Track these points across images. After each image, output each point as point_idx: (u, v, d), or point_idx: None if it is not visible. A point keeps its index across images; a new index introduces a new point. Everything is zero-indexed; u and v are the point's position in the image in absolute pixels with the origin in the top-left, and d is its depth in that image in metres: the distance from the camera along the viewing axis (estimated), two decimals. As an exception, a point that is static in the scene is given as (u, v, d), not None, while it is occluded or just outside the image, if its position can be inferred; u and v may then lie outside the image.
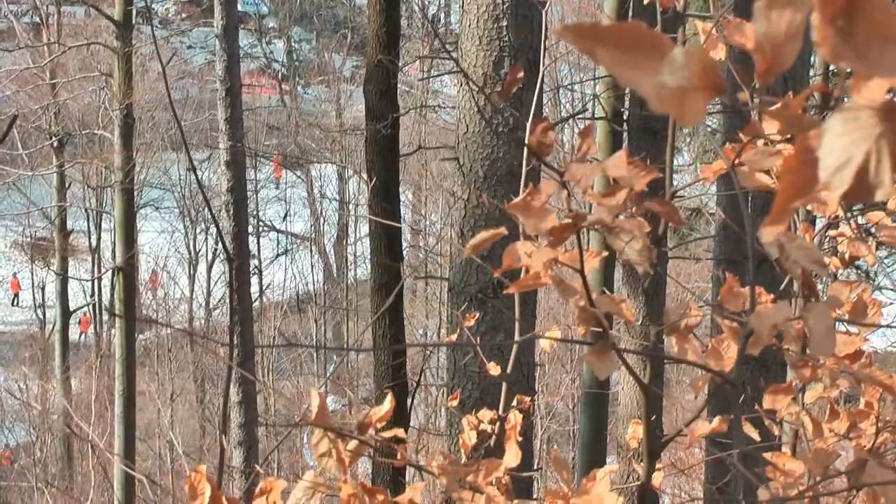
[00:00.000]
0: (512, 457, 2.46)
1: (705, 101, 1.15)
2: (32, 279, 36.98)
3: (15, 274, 43.87)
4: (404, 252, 15.90)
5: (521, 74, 2.43)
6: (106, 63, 29.89)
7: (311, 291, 37.81)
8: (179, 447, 29.29)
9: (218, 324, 36.31)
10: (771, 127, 2.19)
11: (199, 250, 39.12)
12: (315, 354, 34.80)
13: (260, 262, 38.83)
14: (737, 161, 2.20)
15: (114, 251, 37.68)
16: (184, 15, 52.59)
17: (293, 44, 50.54)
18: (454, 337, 4.37)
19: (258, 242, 39.24)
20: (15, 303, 43.82)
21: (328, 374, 36.40)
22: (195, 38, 49.27)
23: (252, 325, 22.16)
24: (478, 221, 5.62)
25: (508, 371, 2.58)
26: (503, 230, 2.15)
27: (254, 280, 34.91)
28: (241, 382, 20.81)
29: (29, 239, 40.88)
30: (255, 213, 37.09)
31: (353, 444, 2.18)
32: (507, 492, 2.37)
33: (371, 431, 2.32)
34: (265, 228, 37.98)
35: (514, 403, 2.64)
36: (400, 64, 12.71)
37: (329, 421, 2.14)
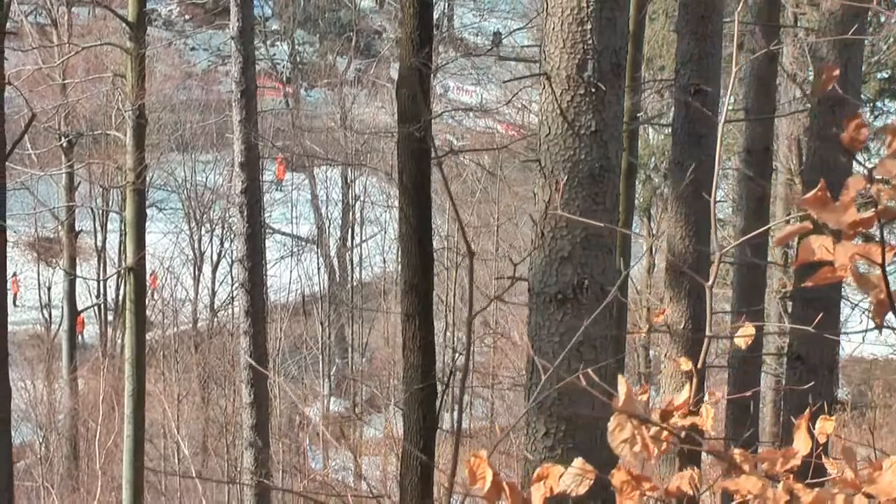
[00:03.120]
0: (802, 444, 2.51)
1: None
2: (39, 279, 37.01)
3: (15, 274, 43.83)
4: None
5: (836, 73, 2.47)
6: (114, 64, 29.92)
7: (316, 293, 37.84)
8: (186, 448, 29.33)
9: (223, 324, 36.32)
10: None
11: (205, 251, 39.15)
12: (321, 357, 34.83)
13: (265, 264, 38.84)
14: None
15: (120, 251, 37.86)
16: (187, 17, 52.62)
17: (296, 46, 50.60)
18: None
19: (263, 244, 39.28)
20: (15, 303, 43.78)
21: (331, 376, 36.44)
22: (199, 40, 49.30)
23: (265, 326, 22.16)
24: (558, 222, 5.70)
25: (699, 366, 2.63)
26: (808, 224, 2.20)
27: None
28: (252, 384, 20.81)
29: (35, 238, 40.87)
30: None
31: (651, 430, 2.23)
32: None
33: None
34: (270, 231, 37.98)
35: (708, 398, 2.69)
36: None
37: (635, 408, 2.19)
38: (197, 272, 38.70)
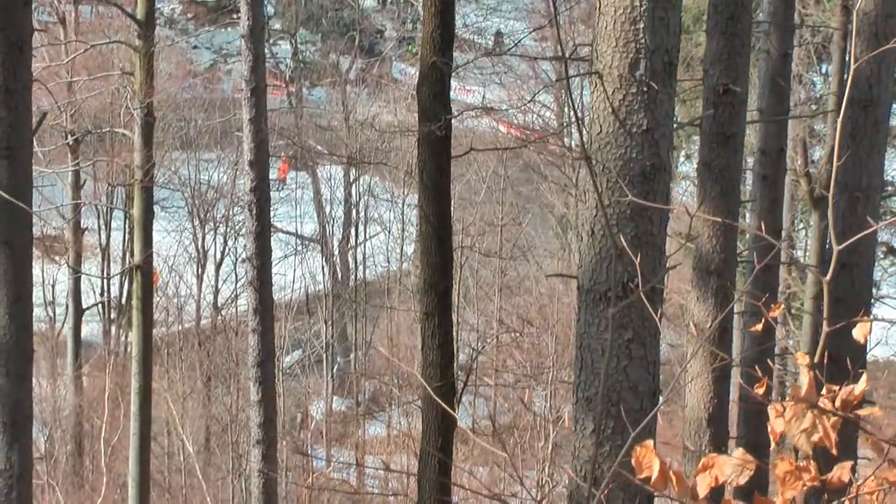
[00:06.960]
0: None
1: None
2: (43, 276, 36.99)
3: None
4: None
5: None
6: (120, 61, 29.95)
7: (320, 292, 37.85)
8: (190, 446, 29.35)
9: (227, 322, 36.34)
10: None
11: (208, 249, 39.16)
12: (323, 355, 34.86)
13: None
14: None
15: (124, 249, 37.89)
16: (189, 15, 52.64)
17: (299, 45, 50.60)
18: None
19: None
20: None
21: (333, 375, 36.46)
22: (201, 38, 49.31)
23: (273, 324, 22.17)
24: (609, 221, 5.76)
25: (815, 361, 2.67)
26: None
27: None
28: (260, 382, 20.81)
29: (40, 236, 40.86)
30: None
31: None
32: None
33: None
34: (273, 229, 37.99)
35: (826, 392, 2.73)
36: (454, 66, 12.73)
37: (815, 399, 2.23)
38: (200, 270, 38.71)
